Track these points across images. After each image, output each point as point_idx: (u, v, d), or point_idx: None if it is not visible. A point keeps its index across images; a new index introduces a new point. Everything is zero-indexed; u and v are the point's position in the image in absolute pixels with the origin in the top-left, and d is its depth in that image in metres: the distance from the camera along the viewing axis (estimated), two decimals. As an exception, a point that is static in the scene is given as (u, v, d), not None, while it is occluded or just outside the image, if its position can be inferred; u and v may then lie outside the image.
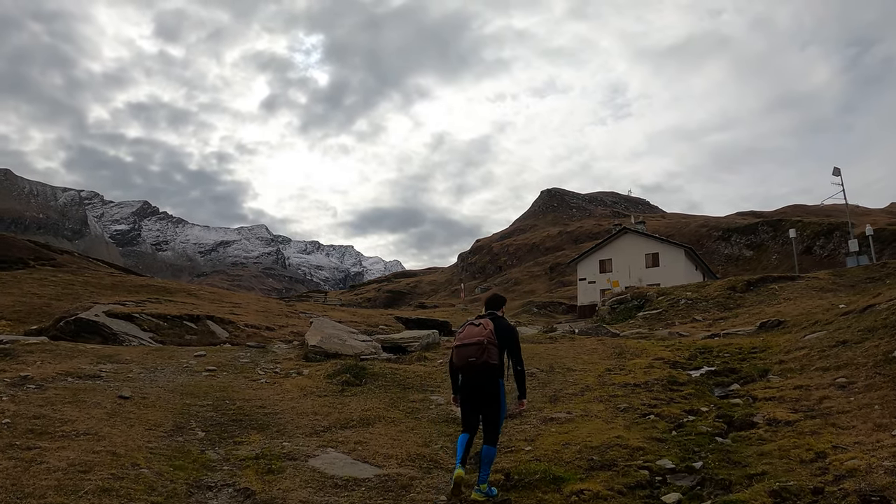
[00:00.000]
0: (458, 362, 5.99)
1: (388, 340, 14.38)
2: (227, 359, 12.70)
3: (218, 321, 22.37)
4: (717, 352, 13.67)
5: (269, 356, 13.56)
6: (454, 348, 6.06)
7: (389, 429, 7.93)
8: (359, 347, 13.38)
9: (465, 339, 5.94)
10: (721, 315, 25.90)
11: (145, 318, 20.81)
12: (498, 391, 5.98)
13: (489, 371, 5.89)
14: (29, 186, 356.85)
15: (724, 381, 10.78)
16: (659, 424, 8.04)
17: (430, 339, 14.70)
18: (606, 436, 7.35)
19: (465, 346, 5.89)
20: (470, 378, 5.95)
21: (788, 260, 67.56)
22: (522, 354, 6.31)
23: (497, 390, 5.98)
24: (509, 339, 6.12)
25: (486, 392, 5.94)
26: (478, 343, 5.83)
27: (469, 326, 6.08)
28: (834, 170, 45.76)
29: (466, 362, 5.86)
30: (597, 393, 9.93)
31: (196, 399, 8.97)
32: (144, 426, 7.31)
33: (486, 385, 5.93)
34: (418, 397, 9.73)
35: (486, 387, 5.93)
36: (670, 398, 9.58)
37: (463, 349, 5.90)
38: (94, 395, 8.53)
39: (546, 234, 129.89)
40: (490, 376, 5.92)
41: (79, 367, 10.49)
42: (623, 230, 54.20)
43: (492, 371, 5.90)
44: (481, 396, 5.95)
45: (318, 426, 7.91)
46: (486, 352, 5.82)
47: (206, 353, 13.46)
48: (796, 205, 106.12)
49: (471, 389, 5.98)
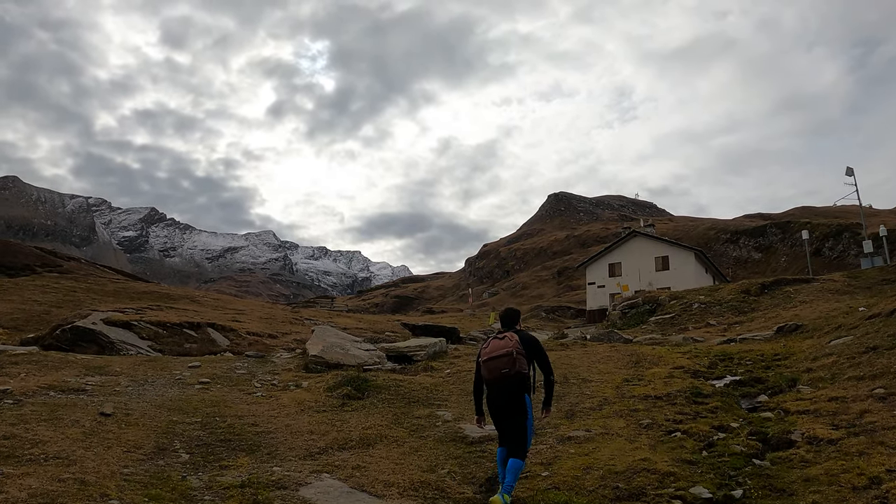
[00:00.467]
0: (488, 375, 5.90)
1: (392, 349, 13.74)
2: (223, 370, 12.07)
3: (219, 329, 21.79)
4: (737, 359, 12.96)
5: (267, 366, 12.94)
6: (481, 363, 6.00)
7: (392, 450, 7.24)
8: (362, 357, 12.74)
9: (492, 352, 5.88)
10: (736, 319, 25.22)
11: (144, 325, 20.25)
12: (526, 402, 5.93)
13: (522, 381, 5.86)
14: (37, 193, 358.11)
15: (751, 391, 10.10)
16: (687, 443, 7.34)
17: (437, 347, 14.02)
18: (631, 458, 6.66)
19: (494, 358, 5.83)
20: (502, 390, 5.86)
21: (798, 262, 67.07)
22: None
23: (526, 401, 5.93)
24: (536, 349, 6.10)
25: (518, 403, 5.87)
26: (507, 354, 5.79)
27: (494, 341, 6.01)
28: (847, 170, 44.94)
29: (499, 374, 5.80)
30: (616, 407, 9.24)
31: (184, 416, 8.32)
32: (123, 448, 6.66)
33: (517, 396, 5.87)
34: (424, 413, 9.03)
35: (517, 398, 5.87)
36: (696, 412, 8.89)
37: (493, 362, 5.84)
38: (73, 411, 7.90)
39: (553, 239, 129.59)
40: (522, 386, 5.88)
41: (63, 380, 9.87)
42: (632, 233, 53.50)
43: (524, 381, 5.89)
44: (513, 408, 5.88)
45: (313, 447, 7.24)
46: (518, 362, 5.79)
47: (202, 363, 12.83)
48: (804, 206, 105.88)
49: (503, 402, 5.89)
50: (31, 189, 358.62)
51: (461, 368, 12.42)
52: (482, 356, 5.99)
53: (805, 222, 75.90)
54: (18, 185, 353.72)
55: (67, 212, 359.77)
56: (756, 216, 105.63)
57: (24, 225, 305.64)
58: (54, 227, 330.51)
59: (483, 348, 6.05)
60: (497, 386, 5.86)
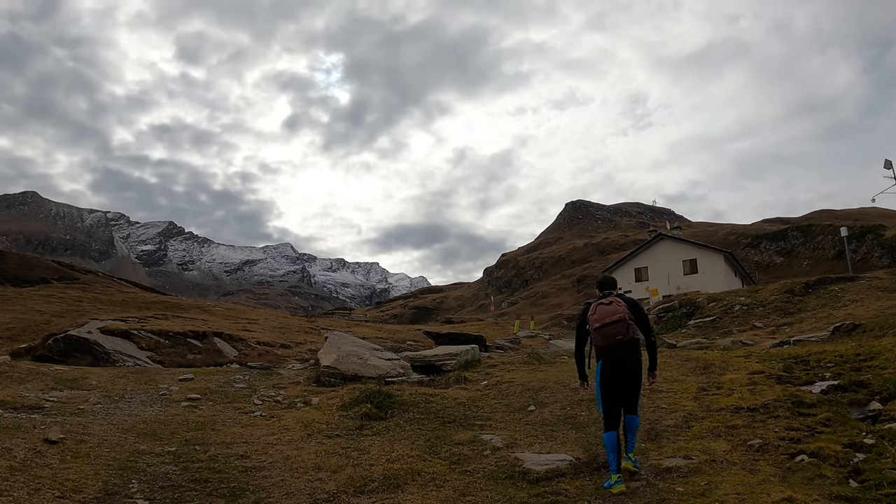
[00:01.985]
0: (603, 342, 5.78)
1: (418, 358, 11.77)
2: (219, 383, 10.17)
3: (227, 338, 19.99)
4: (814, 362, 11.37)
5: (272, 379, 11.03)
6: (593, 330, 5.85)
7: (428, 494, 5.23)
8: (383, 368, 10.76)
9: (604, 318, 5.77)
10: (783, 321, 23.49)
11: (144, 335, 18.49)
12: (641, 364, 5.94)
13: (636, 346, 5.84)
14: (55, 208, 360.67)
15: (857, 398, 8.24)
16: (825, 470, 5.49)
17: (470, 355, 12.04)
18: (768, 498, 4.71)
19: (608, 325, 5.73)
20: (618, 357, 5.80)
21: (820, 266, 65.92)
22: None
23: (641, 363, 5.94)
24: (640, 312, 6.05)
25: (634, 368, 5.86)
26: (621, 320, 5.71)
27: (601, 307, 5.88)
28: (886, 162, 42.51)
29: (614, 341, 5.72)
30: (707, 423, 7.27)
31: (155, 443, 6.41)
32: (55, 491, 4.79)
33: (632, 361, 5.84)
34: (465, 437, 7.01)
35: (632, 362, 5.84)
36: (808, 427, 7.00)
37: (607, 328, 5.74)
38: (13, 436, 6.03)
39: (572, 247, 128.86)
40: (636, 351, 5.86)
41: (20, 396, 8.05)
42: (659, 236, 51.47)
43: (638, 346, 5.87)
44: (629, 373, 5.84)
45: (319, 492, 5.25)
46: (630, 328, 5.74)
47: (195, 375, 10.97)
48: (823, 210, 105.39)
49: (619, 369, 5.82)
50: (49, 204, 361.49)
51: (501, 379, 10.46)
52: (592, 323, 5.85)
53: (826, 225, 75.55)
54: (37, 200, 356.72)
55: (86, 226, 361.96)
56: (775, 220, 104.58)
57: (43, 240, 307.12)
58: (73, 241, 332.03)
59: (590, 315, 5.89)
60: (614, 353, 5.77)
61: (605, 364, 5.81)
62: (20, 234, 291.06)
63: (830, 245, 71.27)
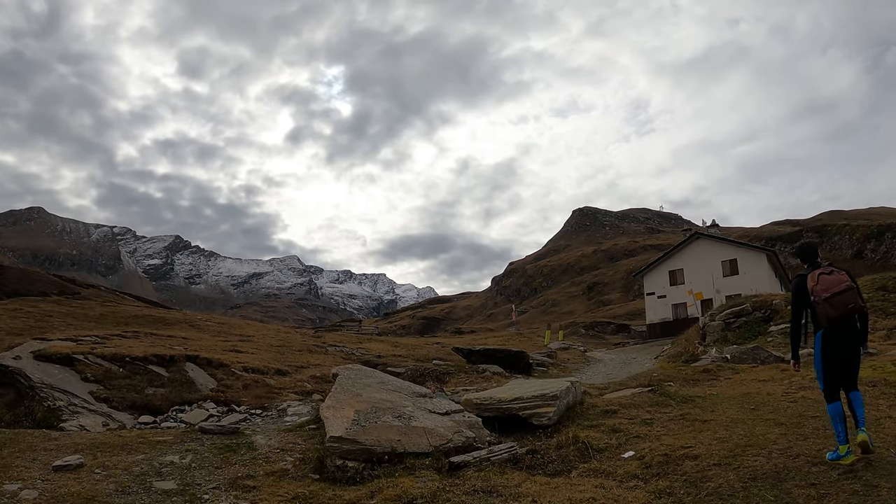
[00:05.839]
0: (834, 312, 5.43)
1: (489, 405, 7.35)
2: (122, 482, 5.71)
3: (204, 364, 15.74)
4: None
5: (234, 465, 6.45)
6: (823, 301, 5.47)
7: None
8: (439, 432, 6.31)
9: (833, 287, 5.47)
10: (888, 322, 19.42)
11: (92, 361, 14.31)
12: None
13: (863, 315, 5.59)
14: (62, 224, 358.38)
15: None
16: None
17: (572, 395, 7.62)
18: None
19: (840, 293, 5.42)
20: (847, 327, 5.50)
21: (840, 266, 64.14)
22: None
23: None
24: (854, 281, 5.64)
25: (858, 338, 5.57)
26: (851, 288, 5.46)
27: (822, 276, 5.60)
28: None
29: (846, 309, 5.41)
30: None
31: None
32: None
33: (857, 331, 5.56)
34: None
35: (857, 332, 5.56)
36: None
37: (839, 297, 5.42)
38: None
39: (581, 254, 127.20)
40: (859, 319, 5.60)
41: None
42: (694, 235, 47.43)
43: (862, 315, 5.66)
44: (855, 344, 5.55)
45: None
46: (860, 296, 5.49)
47: (90, 456, 6.49)
48: (833, 211, 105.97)
49: (847, 339, 5.52)
50: (55, 220, 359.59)
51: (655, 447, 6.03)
52: (818, 293, 5.53)
53: (843, 224, 75.06)
54: (43, 215, 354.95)
55: (92, 241, 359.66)
56: (784, 223, 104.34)
57: (49, 255, 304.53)
58: (80, 256, 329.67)
59: (813, 286, 5.60)
60: (845, 323, 5.48)
61: (830, 335, 5.50)
62: (27, 250, 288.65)
63: (848, 245, 70.15)
